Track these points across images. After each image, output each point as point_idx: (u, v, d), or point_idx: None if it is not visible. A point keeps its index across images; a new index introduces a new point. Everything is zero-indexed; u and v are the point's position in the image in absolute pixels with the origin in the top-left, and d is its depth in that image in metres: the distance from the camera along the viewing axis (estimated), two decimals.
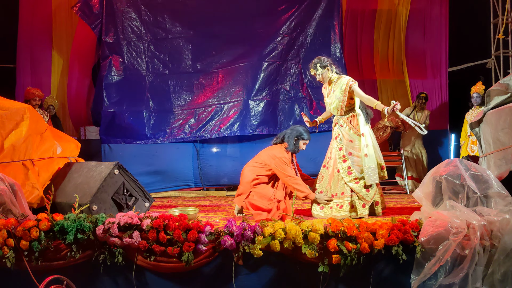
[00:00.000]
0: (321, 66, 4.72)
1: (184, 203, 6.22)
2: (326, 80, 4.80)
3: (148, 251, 3.39)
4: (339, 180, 4.72)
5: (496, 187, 3.33)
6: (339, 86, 4.70)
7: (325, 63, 4.73)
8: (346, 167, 4.67)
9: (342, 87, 4.68)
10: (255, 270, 3.41)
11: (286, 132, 4.84)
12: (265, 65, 7.25)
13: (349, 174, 4.65)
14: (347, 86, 4.65)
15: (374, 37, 8.57)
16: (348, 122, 4.74)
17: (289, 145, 4.73)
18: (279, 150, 4.74)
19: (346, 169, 4.66)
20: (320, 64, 4.73)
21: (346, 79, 4.69)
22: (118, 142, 7.17)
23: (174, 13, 7.42)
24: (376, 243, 3.25)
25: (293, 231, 3.28)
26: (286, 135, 4.79)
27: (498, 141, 3.75)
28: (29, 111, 4.36)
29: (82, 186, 4.16)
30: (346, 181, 4.64)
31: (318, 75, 4.77)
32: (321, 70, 4.73)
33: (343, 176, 4.66)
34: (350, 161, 4.66)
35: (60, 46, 8.42)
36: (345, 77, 4.73)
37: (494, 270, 3.16)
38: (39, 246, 3.40)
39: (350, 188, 4.65)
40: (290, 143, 4.73)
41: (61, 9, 8.32)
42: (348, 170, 4.66)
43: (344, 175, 4.66)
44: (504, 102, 3.86)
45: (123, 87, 7.25)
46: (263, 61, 7.25)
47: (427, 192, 3.52)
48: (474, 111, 6.79)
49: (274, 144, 4.90)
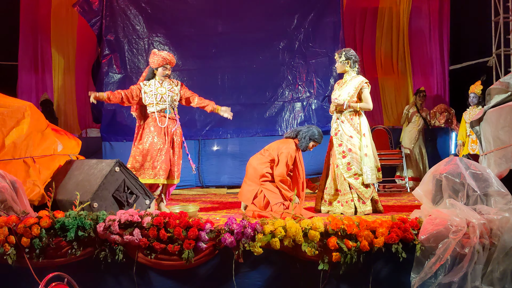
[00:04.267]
0: (345, 56, 4.93)
1: (185, 201, 6.24)
2: (341, 70, 4.98)
3: (148, 248, 3.40)
4: (338, 176, 4.78)
5: (496, 185, 3.33)
6: (354, 83, 4.89)
7: (349, 55, 4.94)
8: (346, 163, 4.75)
9: (356, 84, 4.88)
10: (255, 267, 3.41)
11: (302, 129, 4.87)
12: (269, 66, 7.25)
13: (348, 170, 4.74)
14: (360, 85, 4.87)
15: (376, 35, 8.57)
16: (350, 119, 4.82)
17: (301, 142, 4.78)
18: (289, 145, 4.77)
19: (346, 165, 4.75)
20: (346, 54, 4.94)
21: (362, 79, 4.92)
22: (119, 140, 7.18)
23: (175, 11, 7.41)
24: (376, 241, 3.26)
25: (293, 229, 3.29)
26: (301, 132, 4.83)
27: (498, 139, 3.75)
28: (30, 109, 4.37)
29: (83, 183, 4.17)
30: (346, 176, 4.72)
31: (338, 62, 4.97)
32: (343, 59, 4.92)
33: (343, 172, 4.73)
34: (350, 157, 4.74)
35: (60, 45, 8.44)
36: (362, 77, 4.95)
37: (494, 268, 3.16)
38: (40, 243, 3.41)
39: (349, 184, 4.71)
40: (302, 141, 4.78)
41: (61, 7, 8.33)
42: (347, 166, 4.74)
43: (343, 170, 4.74)
44: (504, 101, 3.86)
45: (123, 84, 7.25)
46: (267, 62, 7.24)
47: (427, 190, 3.53)
48: (472, 110, 6.81)
49: (286, 138, 4.93)
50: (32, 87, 8.30)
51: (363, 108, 4.86)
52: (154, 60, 4.94)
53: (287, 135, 4.97)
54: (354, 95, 4.85)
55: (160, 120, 4.91)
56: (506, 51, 7.71)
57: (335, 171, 4.84)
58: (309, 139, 4.78)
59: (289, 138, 4.89)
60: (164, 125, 4.89)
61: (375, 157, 4.86)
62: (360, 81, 4.88)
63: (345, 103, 4.80)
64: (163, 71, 4.94)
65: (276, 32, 7.31)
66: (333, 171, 4.87)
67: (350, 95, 4.84)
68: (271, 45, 7.25)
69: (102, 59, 7.30)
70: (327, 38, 7.31)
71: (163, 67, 4.93)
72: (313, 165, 6.72)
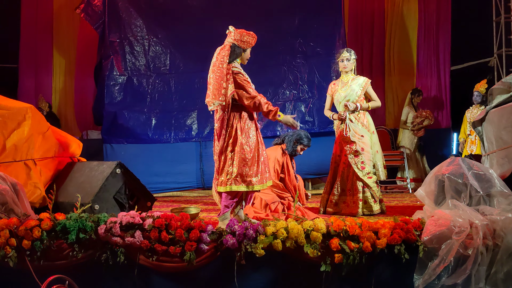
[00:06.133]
0: (354, 54, 4.95)
1: (186, 203, 6.23)
2: (349, 69, 4.95)
3: (150, 250, 3.39)
4: (349, 176, 4.79)
5: (498, 186, 3.31)
6: (358, 83, 4.91)
7: (355, 55, 4.97)
8: (360, 162, 4.79)
9: (361, 83, 4.90)
10: (257, 269, 3.40)
11: (288, 133, 4.94)
12: (269, 66, 7.23)
13: (362, 169, 4.78)
14: (366, 84, 4.91)
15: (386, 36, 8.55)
16: (358, 118, 4.84)
17: (288, 147, 4.86)
18: (276, 151, 4.83)
19: (360, 164, 4.76)
20: (354, 53, 4.96)
21: (364, 78, 4.98)
22: (120, 142, 7.17)
23: (177, 13, 7.41)
24: (378, 242, 3.24)
25: (295, 230, 3.28)
26: (287, 136, 4.90)
27: (501, 139, 3.74)
28: (31, 111, 4.36)
29: (84, 185, 4.17)
30: (360, 175, 4.75)
31: (348, 60, 4.92)
32: (354, 58, 4.94)
33: (357, 171, 4.76)
34: (363, 156, 4.77)
35: (62, 47, 8.44)
36: (363, 77, 4.99)
37: (497, 269, 3.14)
38: (41, 246, 3.40)
39: (363, 183, 4.73)
40: (288, 145, 4.86)
41: (63, 9, 8.34)
42: (361, 165, 4.79)
43: (357, 170, 4.76)
44: (506, 101, 3.84)
45: (125, 87, 7.25)
46: (268, 62, 7.22)
47: (430, 191, 3.51)
48: (474, 109, 6.79)
49: (275, 145, 4.98)
50: (32, 89, 8.30)
51: (374, 107, 4.93)
52: (248, 39, 3.89)
53: (274, 142, 5.05)
54: (361, 94, 4.90)
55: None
56: (508, 51, 7.69)
57: (345, 171, 4.84)
58: (296, 143, 4.86)
59: (277, 145, 4.96)
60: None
61: (382, 153, 4.96)
62: (364, 80, 4.92)
63: (358, 106, 4.82)
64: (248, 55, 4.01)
65: (277, 31, 7.30)
66: (342, 171, 4.87)
67: (358, 95, 4.87)
68: (272, 45, 7.23)
69: (104, 61, 7.30)
70: (329, 37, 7.29)
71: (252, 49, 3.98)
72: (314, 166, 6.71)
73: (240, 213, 3.91)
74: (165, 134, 7.18)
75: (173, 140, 7.19)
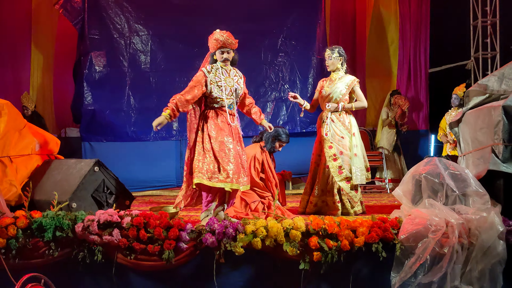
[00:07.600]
0: (338, 52, 4.89)
1: (166, 202, 6.19)
2: (333, 68, 4.93)
3: (128, 249, 3.36)
4: (329, 177, 4.78)
5: (474, 185, 3.38)
6: (344, 81, 4.88)
7: (341, 52, 4.93)
8: (337, 166, 4.72)
9: (347, 82, 4.88)
10: (236, 267, 3.40)
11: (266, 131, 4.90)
12: (251, 65, 7.22)
13: (340, 173, 4.71)
14: (352, 83, 4.88)
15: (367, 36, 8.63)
16: (341, 118, 4.82)
17: (266, 144, 4.85)
18: (255, 149, 4.83)
19: (337, 168, 4.71)
20: (339, 50, 4.91)
21: (352, 77, 4.94)
22: (99, 140, 7.09)
23: (158, 10, 7.36)
24: (356, 241, 3.28)
25: (274, 228, 3.29)
26: (265, 134, 4.87)
27: (477, 140, 3.81)
28: (7, 107, 4.27)
29: (61, 183, 4.10)
30: (337, 180, 4.70)
31: (331, 58, 4.89)
32: (337, 56, 4.88)
33: (334, 175, 4.71)
34: (341, 160, 4.71)
35: (40, 42, 8.29)
36: (351, 76, 4.96)
37: (472, 267, 3.20)
38: (16, 244, 3.34)
39: (339, 187, 4.72)
40: (267, 143, 4.84)
41: (42, 5, 8.19)
42: (339, 169, 4.71)
43: (334, 174, 4.71)
44: (482, 103, 3.92)
45: (104, 84, 7.16)
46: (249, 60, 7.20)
47: (407, 190, 3.56)
48: (453, 112, 6.90)
49: (253, 142, 4.98)
50: (10, 85, 8.13)
51: (358, 107, 4.90)
52: (210, 43, 4.14)
53: (253, 139, 5.04)
54: (346, 93, 4.86)
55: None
56: (484, 54, 7.85)
57: (326, 172, 4.82)
58: (274, 140, 4.84)
59: (255, 143, 4.96)
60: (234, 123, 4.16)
61: (364, 157, 4.88)
62: (351, 79, 4.90)
63: (340, 106, 4.80)
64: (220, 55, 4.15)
65: (258, 31, 7.31)
66: (322, 172, 4.85)
67: (342, 93, 4.84)
68: (254, 44, 7.24)
69: (83, 57, 7.20)
70: (311, 37, 7.34)
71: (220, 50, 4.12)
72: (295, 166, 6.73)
73: (220, 214, 4.01)
74: (145, 132, 7.12)
75: (153, 138, 7.14)
